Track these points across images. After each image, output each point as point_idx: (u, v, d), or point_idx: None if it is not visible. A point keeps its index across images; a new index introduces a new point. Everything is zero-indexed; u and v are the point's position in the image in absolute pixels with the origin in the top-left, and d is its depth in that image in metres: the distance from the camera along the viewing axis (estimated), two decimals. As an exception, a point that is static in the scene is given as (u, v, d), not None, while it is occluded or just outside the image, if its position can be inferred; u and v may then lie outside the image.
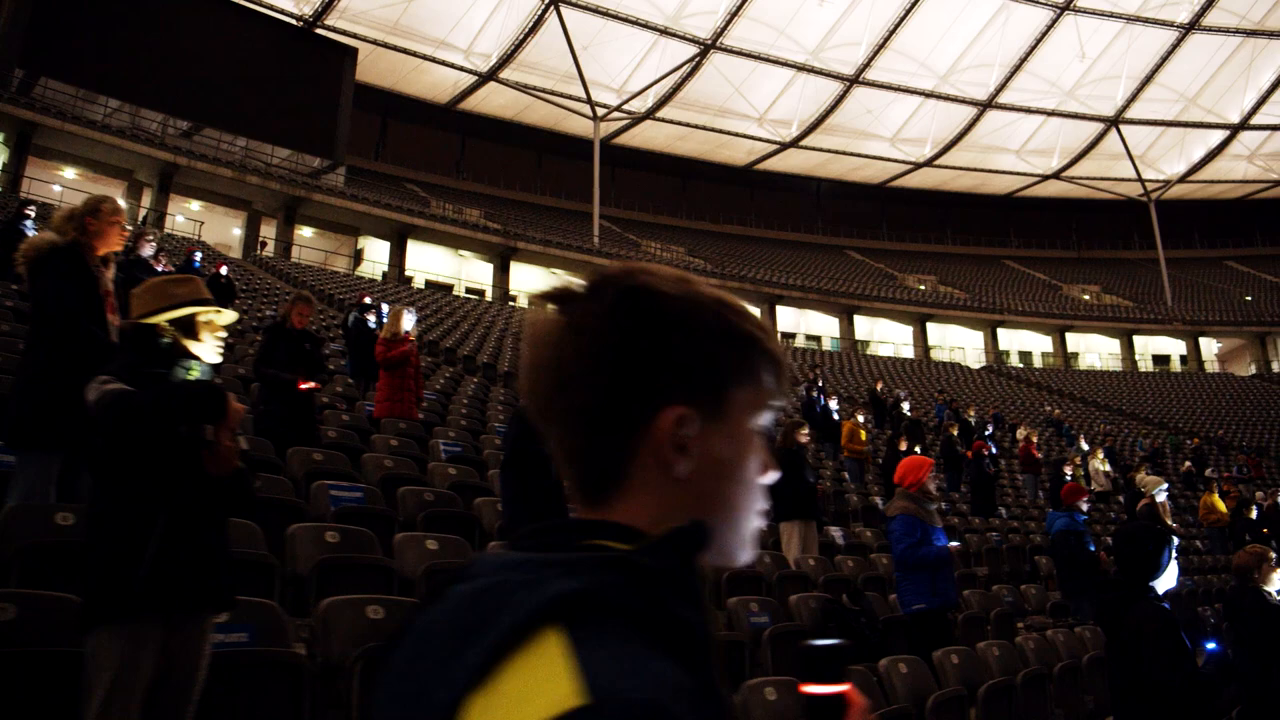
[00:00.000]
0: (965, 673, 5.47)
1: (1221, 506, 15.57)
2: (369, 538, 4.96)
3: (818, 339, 44.61)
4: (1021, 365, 44.74)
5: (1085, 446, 21.59)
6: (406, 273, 37.16)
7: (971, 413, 21.20)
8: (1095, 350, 48.56)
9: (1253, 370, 46.13)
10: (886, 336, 46.26)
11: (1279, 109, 50.55)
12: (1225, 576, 13.63)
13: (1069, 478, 12.51)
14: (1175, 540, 3.80)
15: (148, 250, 11.26)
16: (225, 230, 36.84)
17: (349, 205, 35.71)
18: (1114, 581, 4.02)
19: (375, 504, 5.94)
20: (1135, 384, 41.34)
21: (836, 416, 16.37)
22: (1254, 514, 12.76)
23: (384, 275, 36.51)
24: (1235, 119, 51.01)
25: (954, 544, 6.29)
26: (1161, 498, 10.44)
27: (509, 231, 39.14)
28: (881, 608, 6.83)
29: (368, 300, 14.07)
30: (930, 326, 46.72)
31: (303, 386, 6.98)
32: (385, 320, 10.40)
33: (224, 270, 17.75)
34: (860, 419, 14.76)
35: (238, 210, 36.87)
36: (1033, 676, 5.76)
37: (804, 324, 45.55)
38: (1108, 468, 19.11)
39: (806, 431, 8.69)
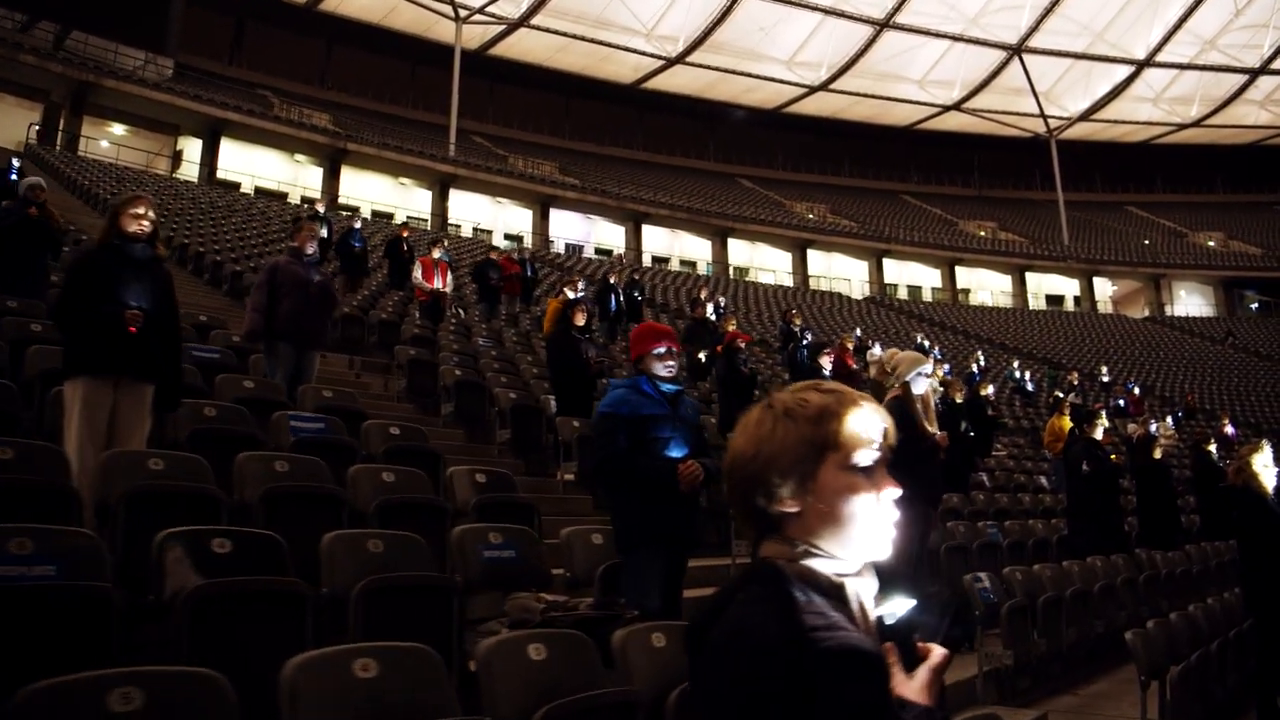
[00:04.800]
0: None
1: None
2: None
3: (693, 264, 39.70)
4: (909, 299, 40.54)
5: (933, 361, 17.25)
6: (222, 175, 31.50)
7: (797, 321, 16.62)
8: (988, 287, 44.75)
9: (1146, 313, 42.85)
10: (768, 264, 41.50)
11: (1185, 48, 46.82)
12: (1057, 522, 9.12)
13: (825, 372, 7.85)
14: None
15: None
16: (17, 125, 30.75)
17: (146, 94, 29.73)
18: None
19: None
20: (1025, 321, 37.94)
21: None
22: (1098, 433, 8.19)
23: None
24: (1141, 55, 46.99)
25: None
26: (921, 388, 5.67)
27: (337, 132, 33.43)
28: None
29: None
30: (815, 256, 42.25)
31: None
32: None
33: None
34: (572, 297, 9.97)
35: (33, 101, 30.92)
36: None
37: (678, 247, 40.61)
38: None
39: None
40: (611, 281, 16.61)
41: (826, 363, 8.23)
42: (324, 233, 16.46)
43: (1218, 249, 46.01)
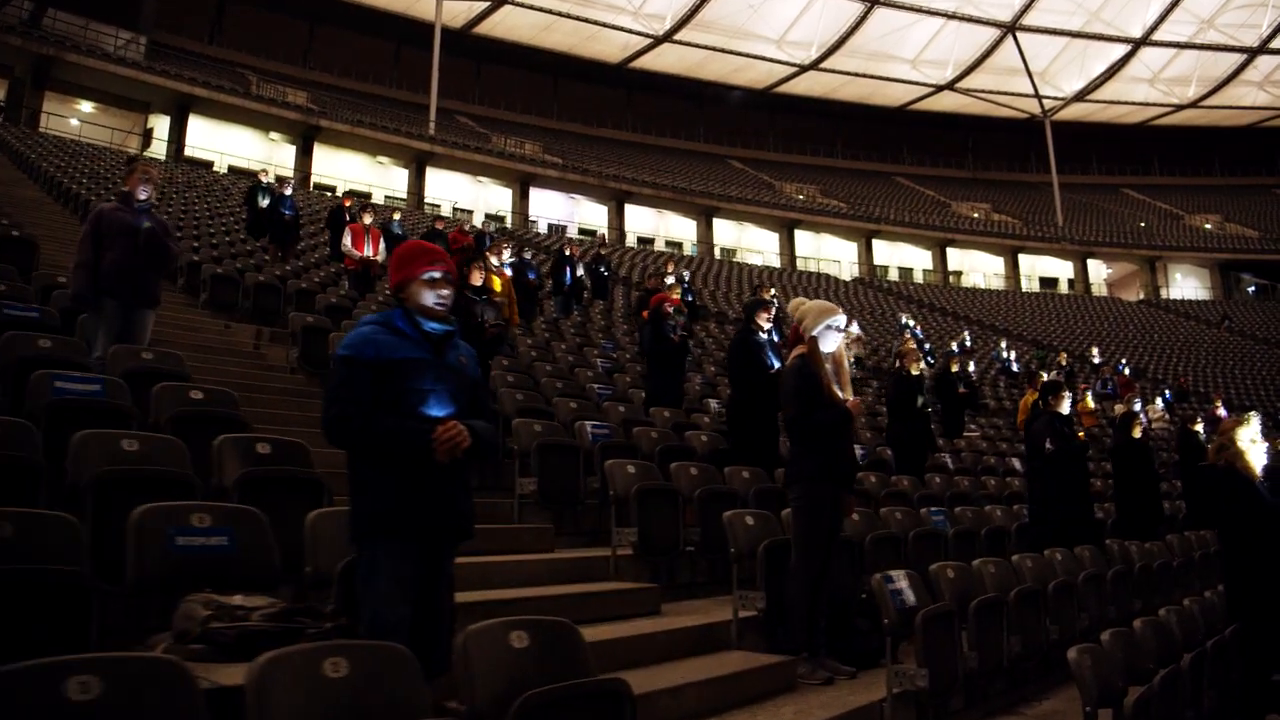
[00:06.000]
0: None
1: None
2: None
3: (679, 244, 38.51)
4: (899, 280, 39.41)
5: (907, 334, 16.36)
6: (195, 153, 30.38)
7: (766, 295, 15.59)
8: (980, 269, 43.60)
9: (1141, 296, 41.76)
10: (756, 245, 40.30)
11: (1182, 27, 45.47)
12: (1020, 509, 8.05)
13: (761, 335, 6.80)
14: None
15: None
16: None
17: (109, 69, 28.56)
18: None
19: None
20: (1018, 303, 36.97)
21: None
22: (1064, 407, 7.12)
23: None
24: (1137, 34, 45.65)
25: None
26: (831, 344, 4.53)
27: (310, 108, 32.29)
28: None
29: None
30: (803, 236, 41.07)
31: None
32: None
33: None
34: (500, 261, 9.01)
35: (-1, 79, 29.97)
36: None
37: (664, 228, 39.40)
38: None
39: None
40: (567, 254, 15.59)
41: (764, 322, 7.01)
42: (264, 203, 15.50)
43: (1214, 231, 44.83)
